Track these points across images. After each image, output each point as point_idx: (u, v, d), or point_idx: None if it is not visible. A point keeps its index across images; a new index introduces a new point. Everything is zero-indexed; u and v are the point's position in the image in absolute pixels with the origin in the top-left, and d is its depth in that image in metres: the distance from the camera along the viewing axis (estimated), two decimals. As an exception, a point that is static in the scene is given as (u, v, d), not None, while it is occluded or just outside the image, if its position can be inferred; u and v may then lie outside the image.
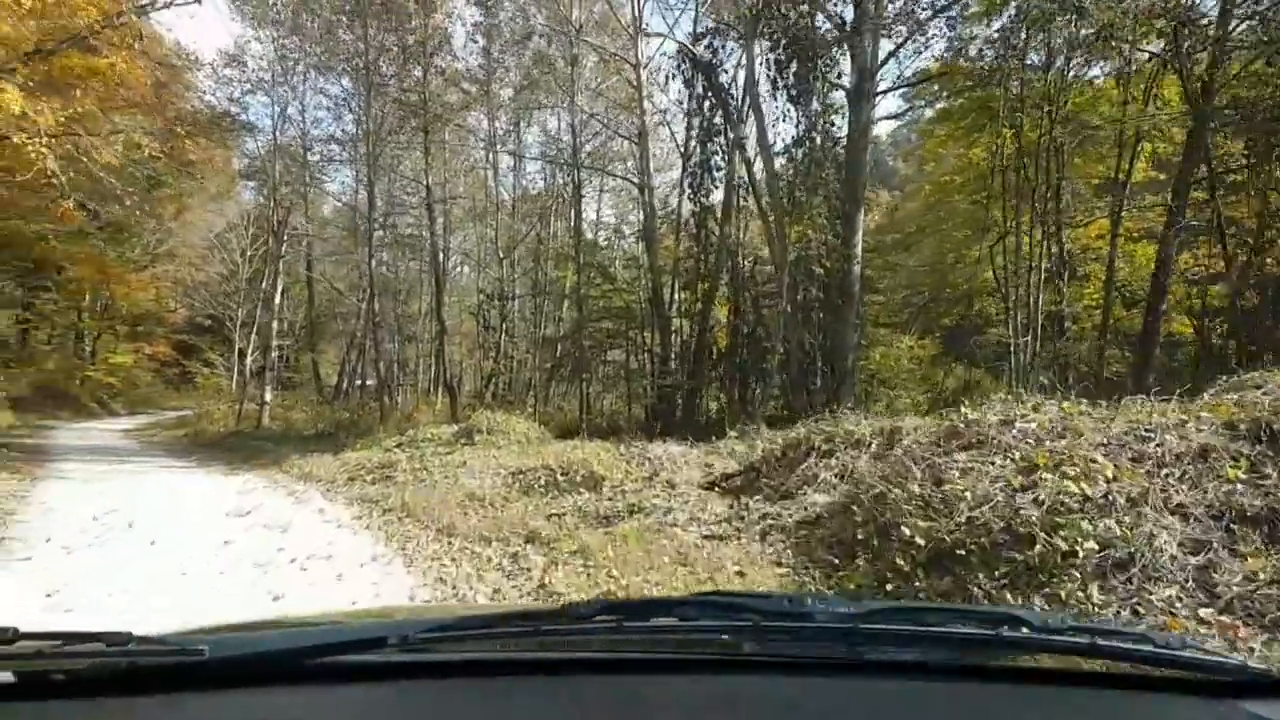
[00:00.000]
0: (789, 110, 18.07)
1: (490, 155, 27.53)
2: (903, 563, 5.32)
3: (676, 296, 23.58)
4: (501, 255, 27.53)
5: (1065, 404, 6.75)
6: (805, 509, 6.74)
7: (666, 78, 21.36)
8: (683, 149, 24.51)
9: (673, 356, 22.22)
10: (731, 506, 7.38)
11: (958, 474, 5.78)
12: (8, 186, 19.70)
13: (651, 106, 23.42)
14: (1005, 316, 19.69)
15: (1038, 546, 4.97)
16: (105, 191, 24.64)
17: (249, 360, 26.82)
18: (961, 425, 6.53)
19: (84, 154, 15.94)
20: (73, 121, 13.72)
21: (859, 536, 5.88)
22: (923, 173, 31.67)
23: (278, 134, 28.17)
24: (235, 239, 33.90)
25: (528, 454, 11.35)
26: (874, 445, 7.36)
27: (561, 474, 9.09)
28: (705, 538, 6.76)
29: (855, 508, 6.18)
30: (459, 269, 35.15)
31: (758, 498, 7.31)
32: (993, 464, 5.86)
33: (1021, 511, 5.27)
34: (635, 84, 22.56)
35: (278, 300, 24.35)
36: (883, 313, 25.78)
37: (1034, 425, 6.22)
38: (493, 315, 24.30)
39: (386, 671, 1.30)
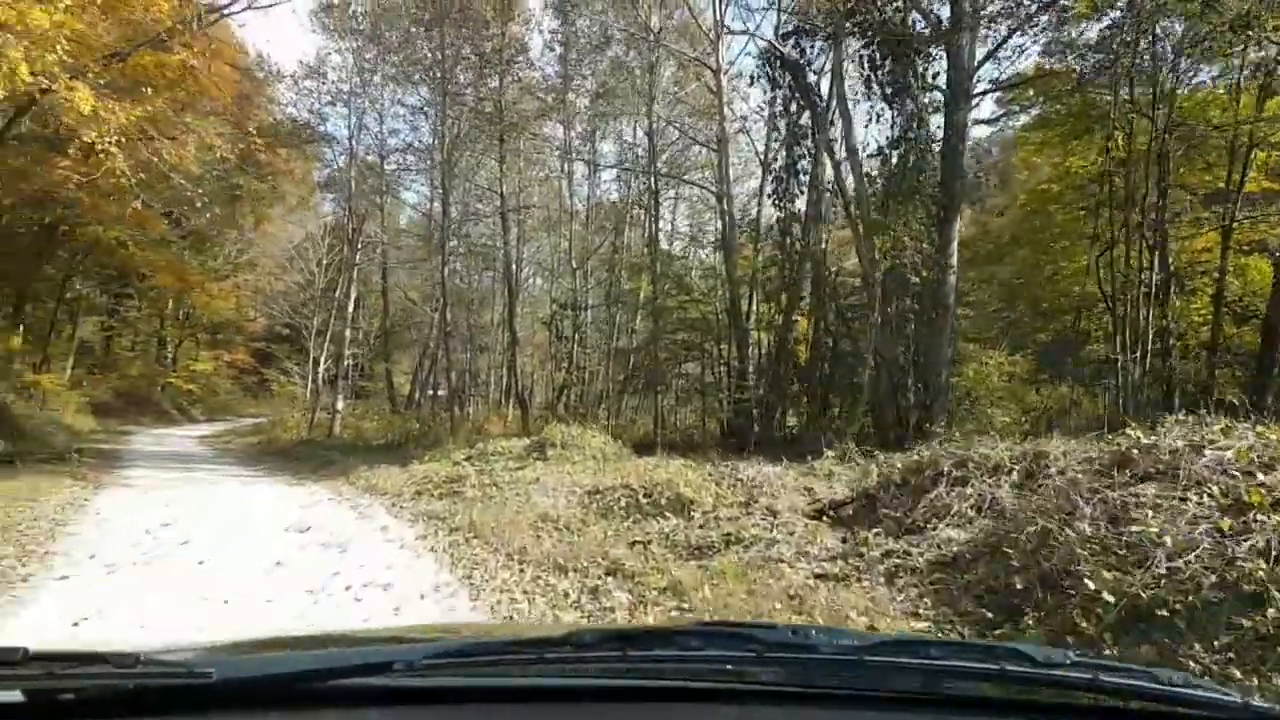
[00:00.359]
0: (882, 111, 16.95)
1: (565, 164, 26.85)
2: (1085, 624, 4.22)
3: (755, 308, 22.60)
4: (575, 265, 26.82)
5: (1259, 427, 5.55)
6: (939, 547, 5.63)
7: (751, 78, 20.27)
8: (762, 157, 23.61)
9: (750, 370, 21.18)
10: (845, 540, 6.30)
11: (1145, 512, 4.64)
12: (87, 192, 19.64)
13: (731, 113, 22.52)
14: (1113, 332, 18.17)
15: (1270, 610, 3.84)
16: (184, 198, 24.76)
17: (322, 369, 26.55)
18: (1134, 451, 5.36)
19: (155, 154, 15.70)
20: (145, 122, 13.34)
21: (1018, 586, 4.77)
22: (1008, 184, 30.11)
23: (355, 143, 28.02)
24: (312, 249, 33.92)
25: (605, 471, 10.42)
26: (1015, 472, 6.22)
27: (644, 495, 8.11)
28: (818, 577, 5.71)
29: (1008, 549, 5.07)
30: (531, 279, 34.62)
31: (877, 531, 6.21)
32: (1186, 500, 4.71)
33: (1239, 562, 4.14)
34: (715, 89, 21.66)
35: (351, 309, 23.98)
36: (971, 327, 24.30)
37: (1230, 453, 5.03)
38: (566, 326, 23.54)
39: (392, 696, 1.27)
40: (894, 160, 16.67)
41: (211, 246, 33.64)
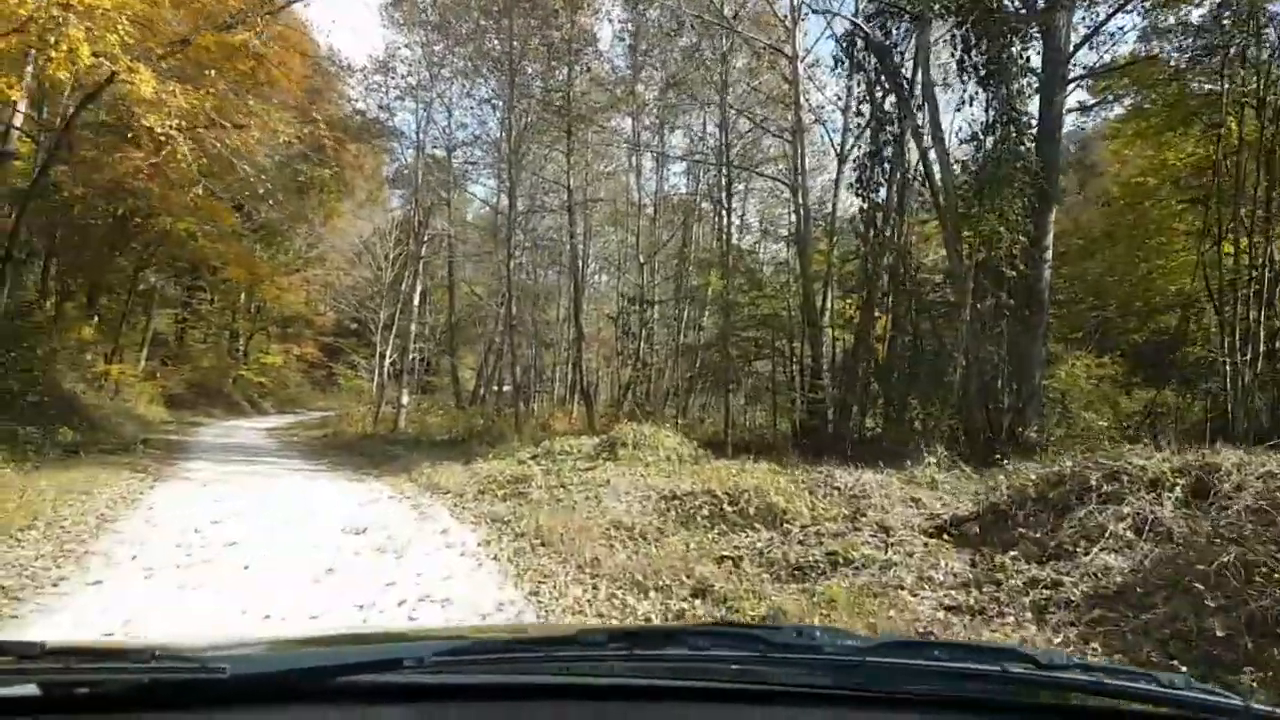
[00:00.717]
0: (975, 95, 15.81)
1: (633, 158, 26.05)
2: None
3: (829, 304, 21.55)
4: (642, 261, 26.04)
5: None
6: (1096, 576, 4.65)
7: (834, 61, 19.15)
8: (837, 148, 22.53)
9: (824, 369, 20.16)
10: (974, 564, 5.33)
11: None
12: (158, 183, 19.50)
13: (806, 102, 21.51)
14: (1218, 333, 16.74)
15: None
16: (253, 189, 24.64)
17: (388, 363, 26.23)
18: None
19: (219, 140, 15.34)
20: (206, 103, 12.89)
21: (1217, 632, 3.78)
22: (1094, 179, 28.45)
23: (422, 136, 27.64)
24: (379, 243, 33.76)
25: (681, 474, 9.56)
26: (1178, 488, 5.19)
27: (729, 503, 7.23)
28: (948, 609, 4.78)
29: (1196, 584, 4.07)
30: (597, 275, 33.96)
31: (1013, 554, 5.23)
32: None
33: None
34: (790, 78, 20.66)
35: (416, 302, 23.52)
36: (1061, 326, 22.84)
37: None
38: (633, 321, 22.73)
39: (402, 693, 1.27)
40: (989, 146, 15.49)
41: (281, 241, 33.70)
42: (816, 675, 1.40)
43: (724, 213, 22.53)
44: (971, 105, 15.88)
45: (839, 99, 23.23)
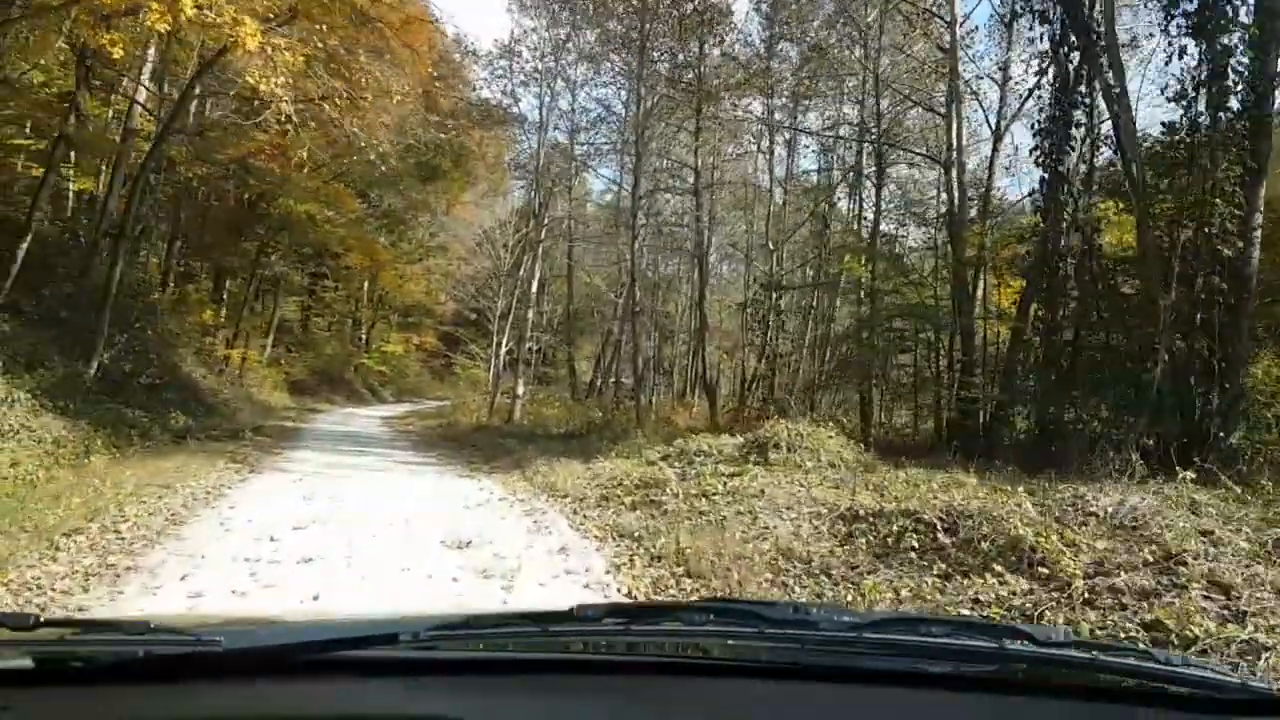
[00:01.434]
0: (1184, 48, 13.19)
1: (767, 136, 23.97)
2: None
3: (983, 292, 19.17)
4: (772, 247, 24.00)
5: None
6: None
7: (1012, 12, 16.60)
8: (993, 126, 20.04)
9: (977, 364, 17.81)
10: None
11: None
12: (277, 162, 18.74)
13: (960, 73, 19.04)
14: None
15: None
16: (378, 175, 23.86)
17: (504, 352, 25.07)
18: None
19: (338, 119, 14.24)
20: (316, 61, 11.66)
21: None
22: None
23: (544, 115, 26.27)
24: (499, 232, 32.87)
25: (856, 485, 7.57)
26: None
27: (944, 530, 5.22)
28: None
29: None
30: (719, 265, 31.97)
31: None
32: None
33: None
34: (946, 45, 18.30)
35: (535, 289, 22.10)
36: (1261, 317, 19.64)
37: None
38: (764, 309, 20.70)
39: (398, 667, 1.26)
40: (1200, 106, 12.88)
41: (404, 229, 33.22)
42: (811, 651, 1.35)
43: (871, 190, 20.22)
44: (1182, 57, 13.26)
45: (998, 69, 20.69)
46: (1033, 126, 14.90)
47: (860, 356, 18.96)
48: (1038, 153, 14.36)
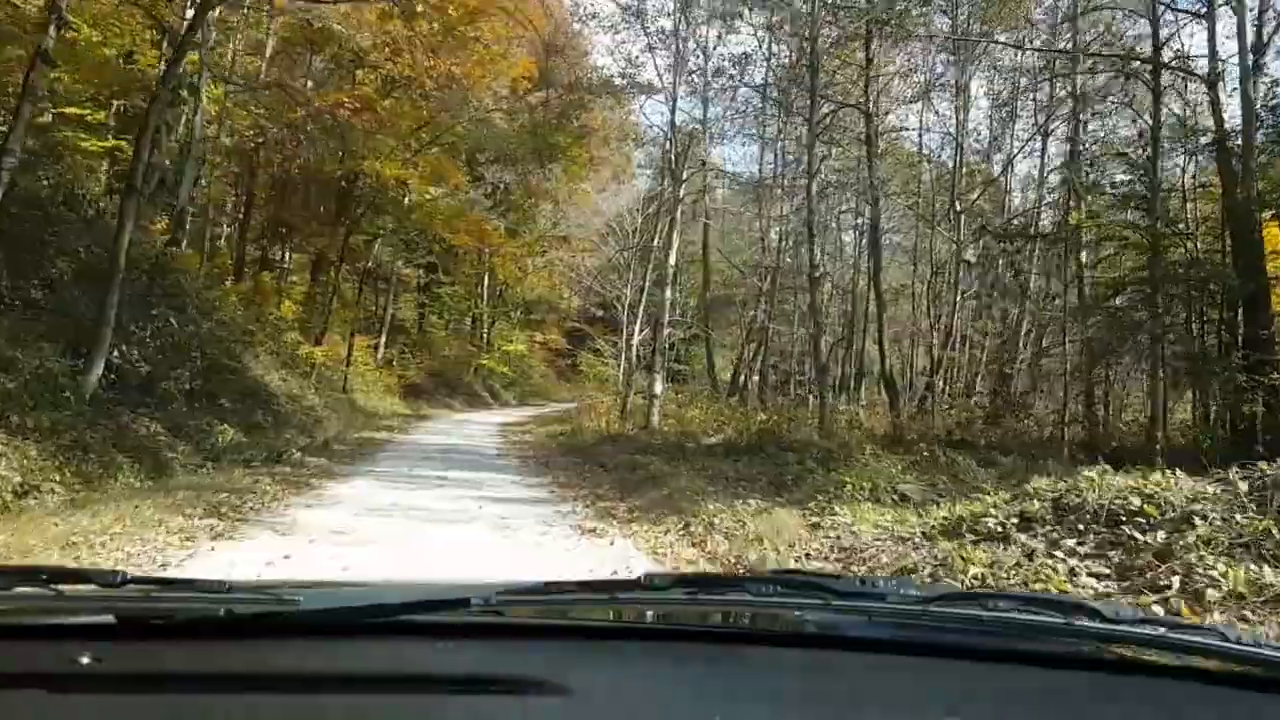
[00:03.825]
0: None
1: (956, 51, 18.26)
2: None
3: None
4: (959, 209, 18.31)
5: None
6: None
7: None
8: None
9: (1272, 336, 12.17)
10: None
11: None
12: (361, 116, 14.52)
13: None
14: None
15: None
16: (486, 143, 19.63)
17: (635, 344, 20.32)
18: None
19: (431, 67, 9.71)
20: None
21: None
22: None
23: (677, 75, 21.37)
24: (627, 218, 28.24)
25: None
26: None
27: None
28: None
29: None
30: (887, 238, 26.29)
31: None
32: None
33: None
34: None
35: (672, 262, 17.05)
36: None
37: None
38: (987, 272, 15.03)
39: (468, 630, 1.19)
40: None
41: (523, 216, 29.14)
42: (879, 624, 1.29)
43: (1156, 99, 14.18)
44: None
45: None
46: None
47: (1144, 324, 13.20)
48: None
